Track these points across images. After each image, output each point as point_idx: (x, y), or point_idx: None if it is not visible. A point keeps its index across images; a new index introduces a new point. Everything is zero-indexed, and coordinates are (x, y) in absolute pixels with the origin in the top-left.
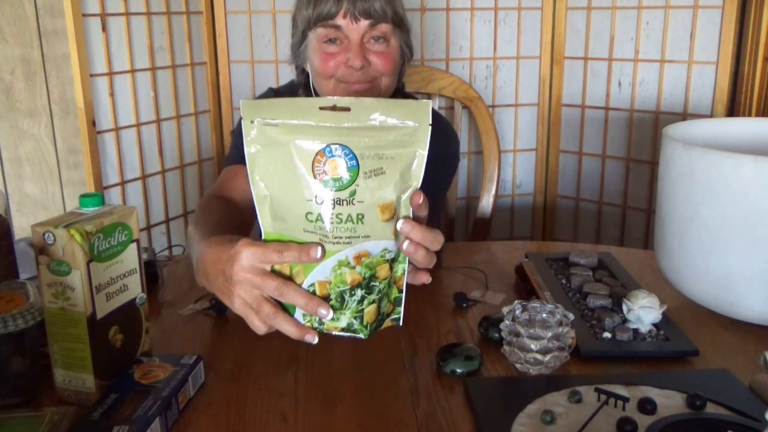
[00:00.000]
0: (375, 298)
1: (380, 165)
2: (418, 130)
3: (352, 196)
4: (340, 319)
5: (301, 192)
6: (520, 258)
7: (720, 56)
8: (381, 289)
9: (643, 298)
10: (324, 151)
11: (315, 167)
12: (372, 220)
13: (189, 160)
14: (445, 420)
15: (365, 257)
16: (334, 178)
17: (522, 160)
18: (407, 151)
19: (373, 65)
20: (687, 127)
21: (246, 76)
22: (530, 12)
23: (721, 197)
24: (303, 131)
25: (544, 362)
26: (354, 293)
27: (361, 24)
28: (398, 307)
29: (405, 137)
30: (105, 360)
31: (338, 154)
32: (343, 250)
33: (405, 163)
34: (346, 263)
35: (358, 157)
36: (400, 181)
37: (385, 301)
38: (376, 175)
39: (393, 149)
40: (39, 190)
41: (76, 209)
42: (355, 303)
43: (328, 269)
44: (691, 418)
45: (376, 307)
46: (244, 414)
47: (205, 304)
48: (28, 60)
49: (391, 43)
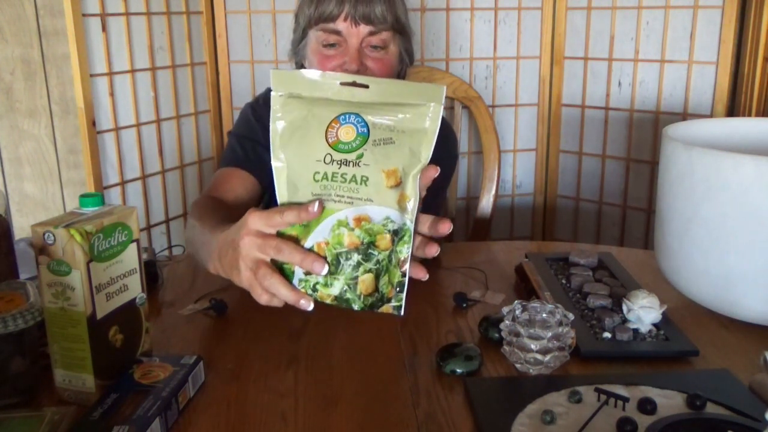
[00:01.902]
0: (372, 267)
1: (390, 135)
2: (431, 109)
3: (359, 159)
4: (333, 284)
5: (313, 155)
6: (520, 258)
7: (720, 56)
8: (380, 260)
9: (643, 298)
10: (338, 119)
11: (328, 132)
12: (376, 184)
13: (189, 160)
14: (445, 420)
15: (366, 221)
16: (344, 141)
17: (522, 160)
18: (418, 127)
19: (370, 71)
20: (687, 127)
21: (246, 76)
22: (530, 12)
23: (721, 197)
24: (322, 103)
25: (544, 362)
26: (350, 257)
27: (361, 29)
28: (400, 294)
29: (418, 115)
30: (105, 360)
31: (351, 121)
32: (343, 209)
33: (415, 137)
34: (345, 224)
35: (369, 125)
36: (409, 154)
37: (385, 279)
38: (385, 144)
39: (404, 123)
40: (39, 190)
41: (76, 209)
42: (350, 268)
43: (327, 229)
44: (691, 418)
45: (373, 278)
46: (244, 414)
47: (205, 304)
48: (28, 60)
49: (390, 49)
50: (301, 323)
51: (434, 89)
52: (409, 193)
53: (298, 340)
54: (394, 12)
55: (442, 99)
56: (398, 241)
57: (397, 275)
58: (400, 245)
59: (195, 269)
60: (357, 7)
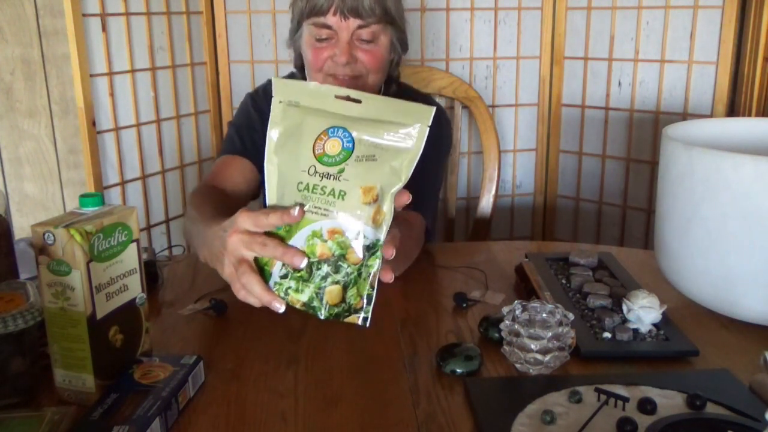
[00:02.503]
0: (340, 279)
1: (373, 153)
2: (417, 130)
3: (340, 173)
4: (304, 291)
5: (299, 164)
6: (520, 258)
7: (720, 56)
8: (349, 273)
9: (643, 298)
10: (327, 131)
11: (316, 144)
12: (353, 200)
13: (189, 160)
14: (445, 420)
15: (339, 234)
16: (329, 154)
17: (522, 160)
18: (402, 146)
19: (360, 62)
20: (687, 127)
21: (246, 76)
22: (530, 12)
23: (721, 197)
24: (315, 113)
25: (544, 362)
26: (320, 267)
27: (351, 23)
28: (368, 306)
29: (403, 135)
30: (105, 360)
31: (338, 135)
32: (318, 221)
33: (397, 157)
34: (319, 234)
35: (355, 141)
36: (389, 172)
37: (353, 291)
38: (368, 160)
39: (389, 142)
40: (39, 190)
41: (76, 209)
42: (319, 278)
43: (302, 239)
44: (691, 418)
45: (340, 290)
46: (244, 414)
47: (205, 304)
48: (28, 60)
49: (381, 41)
50: (301, 323)
51: (423, 110)
52: (385, 209)
53: (298, 340)
54: (383, 4)
55: (429, 121)
56: (369, 256)
57: (366, 288)
58: (372, 260)
59: (195, 269)
60: (346, 0)
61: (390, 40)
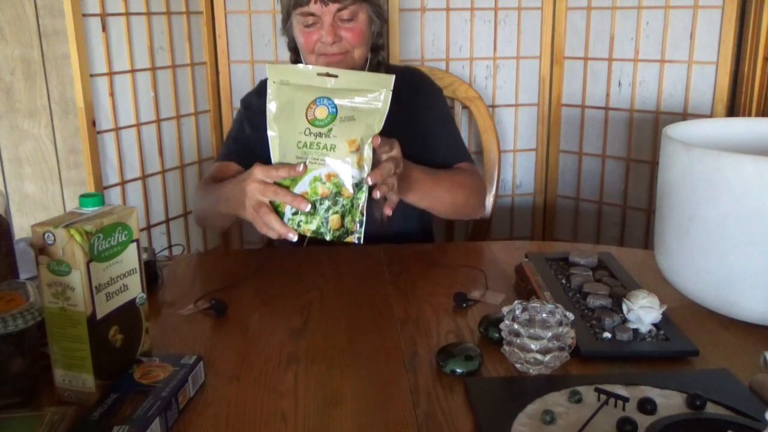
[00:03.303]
0: (339, 210)
1: (352, 114)
2: (383, 94)
3: (329, 132)
4: (312, 222)
5: (296, 128)
6: (520, 258)
7: (720, 56)
8: (344, 204)
9: (643, 298)
10: (315, 101)
11: (308, 111)
12: (341, 151)
13: (189, 160)
14: (445, 420)
15: (334, 177)
16: (319, 118)
17: (522, 160)
18: (372, 107)
19: (345, 39)
20: (687, 127)
21: (246, 76)
22: (530, 12)
23: (721, 197)
24: (304, 89)
25: (544, 362)
26: (323, 203)
27: (330, 7)
28: (360, 228)
29: (373, 99)
30: (105, 360)
31: (324, 103)
32: (318, 169)
33: (370, 115)
34: (319, 179)
35: (337, 107)
36: (365, 127)
37: (349, 218)
38: (349, 120)
39: (363, 105)
40: (39, 190)
41: (76, 209)
42: (323, 210)
43: (306, 183)
44: (691, 418)
45: (339, 218)
46: (244, 414)
47: (205, 304)
48: (28, 60)
49: (360, 17)
50: (301, 323)
51: (386, 78)
52: (365, 155)
53: (298, 340)
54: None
55: (391, 86)
56: (357, 191)
57: (357, 215)
58: (359, 193)
59: (195, 269)
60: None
61: (368, 15)
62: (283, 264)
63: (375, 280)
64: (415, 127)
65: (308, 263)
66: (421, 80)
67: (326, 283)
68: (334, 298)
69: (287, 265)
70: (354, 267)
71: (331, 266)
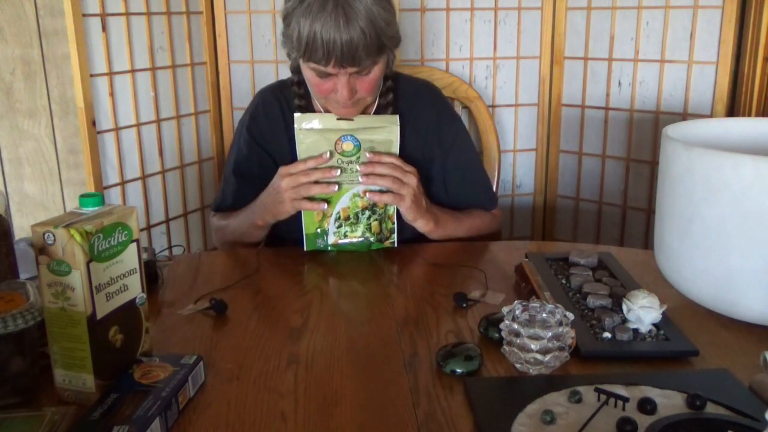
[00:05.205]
0: (377, 217)
1: (371, 145)
2: (392, 129)
3: (358, 159)
4: (357, 229)
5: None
6: (520, 258)
7: (720, 56)
8: (380, 213)
9: (643, 298)
10: (341, 138)
11: (337, 145)
12: None
13: (189, 160)
14: (445, 420)
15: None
16: (346, 150)
17: (522, 160)
18: (386, 139)
19: (359, 93)
20: (687, 127)
21: (246, 76)
22: (530, 12)
23: (721, 197)
24: (327, 131)
25: (544, 362)
26: (364, 213)
27: (348, 69)
28: (393, 235)
29: (385, 133)
30: (105, 360)
31: (349, 139)
32: (354, 187)
33: (384, 145)
34: (357, 194)
35: (360, 140)
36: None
37: (384, 225)
38: (371, 149)
39: (378, 137)
40: (39, 190)
41: (76, 209)
42: (366, 219)
43: (347, 199)
44: (691, 418)
45: (379, 224)
46: (244, 414)
47: (205, 304)
48: (28, 60)
49: (374, 70)
50: (301, 323)
51: (392, 119)
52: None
53: (298, 340)
54: (378, 42)
55: (397, 122)
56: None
57: (389, 223)
58: (388, 207)
59: (195, 269)
60: (343, 56)
61: (386, 59)
62: (283, 264)
63: (375, 280)
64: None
65: (308, 263)
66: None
67: (326, 283)
68: (334, 298)
69: (287, 265)
70: (354, 267)
71: (331, 266)
